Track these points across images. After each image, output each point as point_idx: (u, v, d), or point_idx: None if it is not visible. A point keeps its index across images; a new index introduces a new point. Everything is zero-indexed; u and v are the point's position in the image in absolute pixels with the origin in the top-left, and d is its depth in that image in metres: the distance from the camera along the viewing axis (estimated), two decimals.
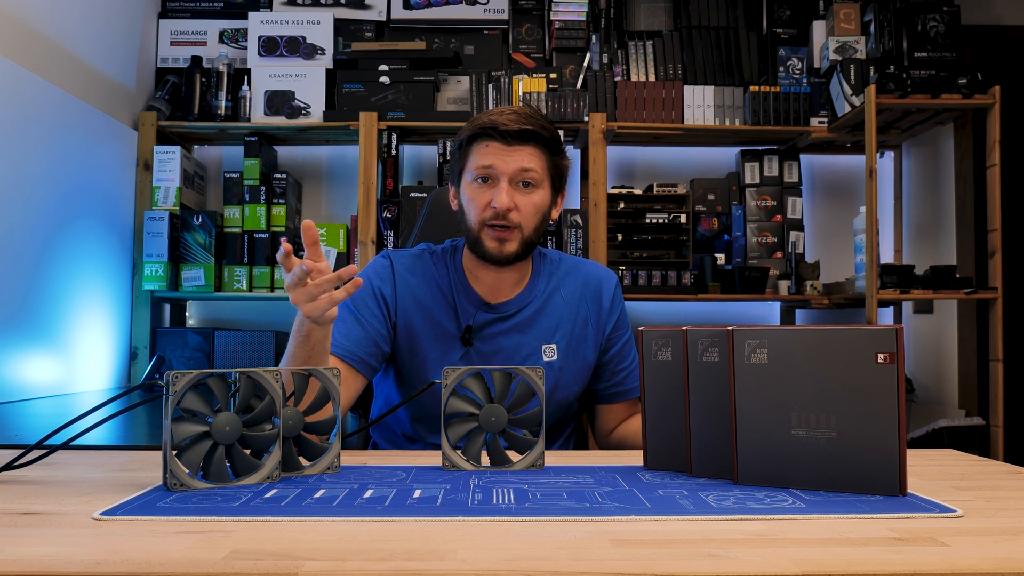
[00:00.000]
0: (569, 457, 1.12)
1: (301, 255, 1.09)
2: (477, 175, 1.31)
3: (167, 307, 2.92)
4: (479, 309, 1.36)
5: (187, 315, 3.03)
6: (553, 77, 2.86)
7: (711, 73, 2.94)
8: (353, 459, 1.07)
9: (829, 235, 3.16)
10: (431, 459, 1.06)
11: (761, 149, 3.04)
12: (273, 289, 2.80)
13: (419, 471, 0.98)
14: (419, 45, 2.89)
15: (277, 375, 0.91)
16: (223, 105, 2.82)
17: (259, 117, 2.85)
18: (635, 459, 1.07)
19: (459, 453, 1.00)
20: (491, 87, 2.84)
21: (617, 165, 3.13)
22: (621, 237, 2.85)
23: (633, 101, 2.86)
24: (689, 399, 0.95)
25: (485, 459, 1.02)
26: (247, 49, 2.93)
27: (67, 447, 0.93)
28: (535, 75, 2.84)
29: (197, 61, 2.86)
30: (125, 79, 2.74)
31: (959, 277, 2.52)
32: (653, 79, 2.92)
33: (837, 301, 2.80)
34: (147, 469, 0.99)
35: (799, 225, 2.99)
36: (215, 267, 2.77)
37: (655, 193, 2.89)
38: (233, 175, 2.85)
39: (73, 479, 0.92)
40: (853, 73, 2.76)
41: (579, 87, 2.91)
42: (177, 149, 2.76)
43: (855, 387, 0.84)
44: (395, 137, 2.82)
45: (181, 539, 0.66)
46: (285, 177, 2.86)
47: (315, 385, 0.98)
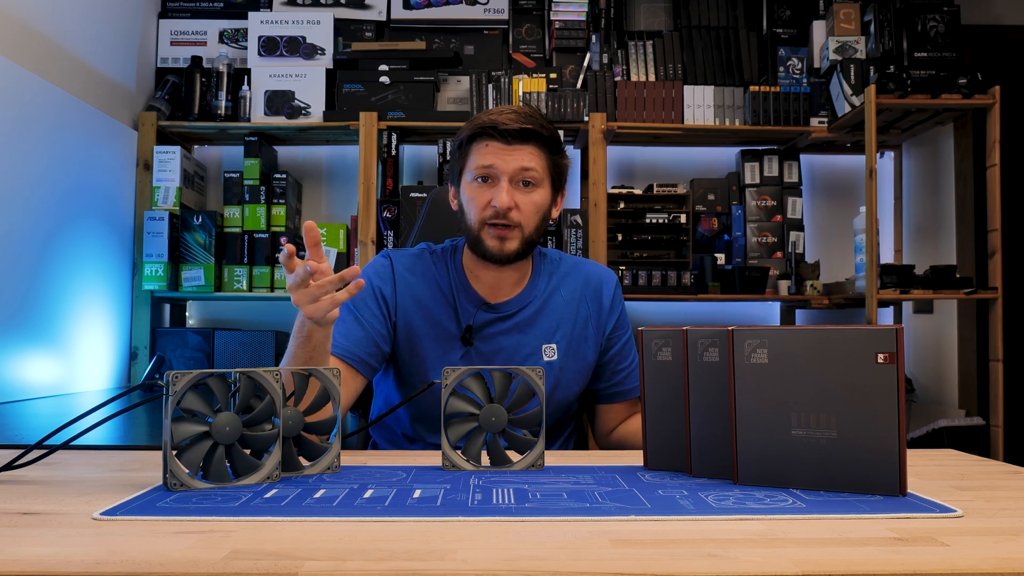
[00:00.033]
0: (569, 457, 1.12)
1: (302, 256, 1.08)
2: (477, 175, 1.31)
3: (167, 307, 2.92)
4: (479, 309, 1.36)
5: (187, 315, 3.03)
6: (553, 77, 2.86)
7: (711, 73, 2.93)
8: (353, 459, 1.07)
9: (829, 235, 3.16)
10: (431, 459, 1.06)
11: (761, 149, 3.04)
12: (273, 289, 2.80)
13: (419, 471, 0.98)
14: (419, 45, 2.89)
15: (277, 375, 0.91)
16: (223, 105, 2.82)
17: (259, 117, 2.85)
18: (635, 459, 1.07)
19: (459, 453, 1.00)
20: (491, 87, 2.84)
21: (617, 165, 3.13)
22: (621, 237, 2.85)
23: (633, 101, 2.86)
24: (689, 399, 0.95)
25: (485, 459, 1.02)
26: (247, 49, 2.93)
27: (67, 447, 0.94)
28: (535, 75, 2.84)
29: (197, 61, 2.86)
30: (125, 79, 2.74)
31: (959, 277, 2.52)
32: (653, 79, 2.92)
33: (837, 301, 2.80)
34: (147, 469, 0.99)
35: (799, 225, 2.99)
36: (215, 267, 2.77)
37: (655, 193, 2.89)
38: (233, 175, 2.85)
39: (73, 479, 0.92)
40: (853, 73, 2.76)
41: (579, 87, 2.91)
42: (177, 149, 2.76)
43: (855, 387, 0.84)
44: (395, 137, 2.82)
45: (181, 539, 0.66)
46: (285, 177, 2.86)
47: (315, 385, 0.98)
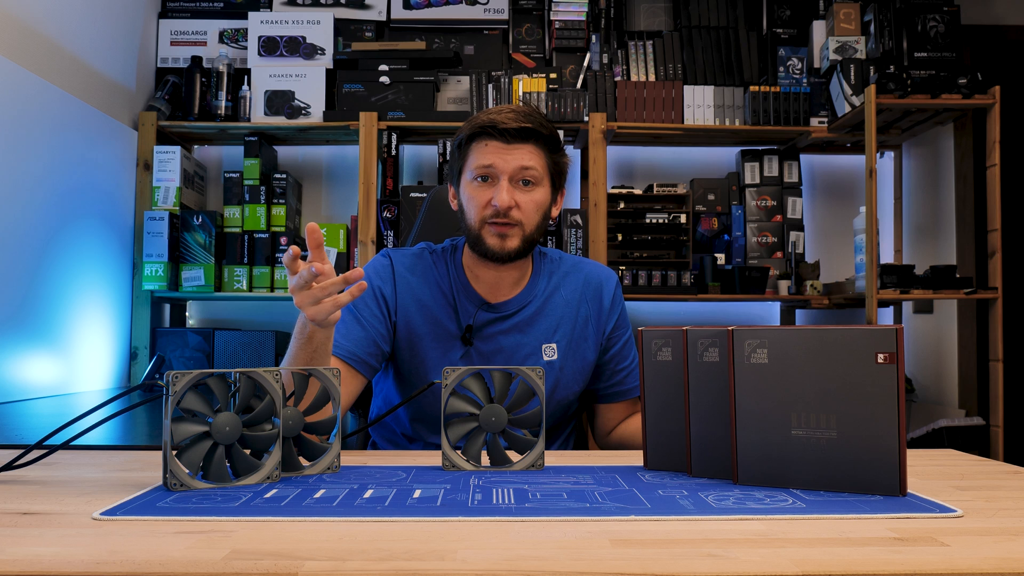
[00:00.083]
0: (569, 457, 1.12)
1: (303, 256, 1.08)
2: (477, 174, 1.31)
3: (167, 307, 2.92)
4: (479, 308, 1.36)
5: (187, 315, 3.03)
6: (553, 77, 2.86)
7: (711, 73, 2.94)
8: (353, 459, 1.07)
9: (829, 235, 3.16)
10: (431, 459, 1.06)
11: (761, 149, 3.04)
12: (273, 289, 2.80)
13: (419, 471, 0.98)
14: (419, 45, 2.89)
15: (277, 375, 0.91)
16: (223, 105, 2.82)
17: (259, 117, 2.85)
18: (635, 459, 1.07)
19: (459, 453, 1.00)
20: (491, 87, 2.84)
21: (617, 165, 3.13)
22: (621, 237, 2.85)
23: (633, 101, 2.86)
24: (689, 399, 0.95)
25: (485, 459, 1.02)
26: (247, 49, 2.94)
27: (67, 447, 0.93)
28: (535, 75, 2.84)
29: (197, 61, 2.86)
30: (125, 79, 2.74)
31: (959, 277, 2.52)
32: (653, 79, 2.92)
33: (837, 301, 2.80)
34: (147, 469, 0.99)
35: (799, 225, 2.99)
36: (215, 267, 2.77)
37: (655, 193, 2.89)
38: (233, 175, 2.85)
39: (73, 479, 0.92)
40: (853, 73, 2.76)
41: (579, 87, 2.91)
42: (177, 149, 2.76)
43: (855, 387, 0.84)
44: (395, 137, 2.82)
45: (181, 539, 0.66)
46: (285, 177, 2.86)
47: (315, 385, 0.98)
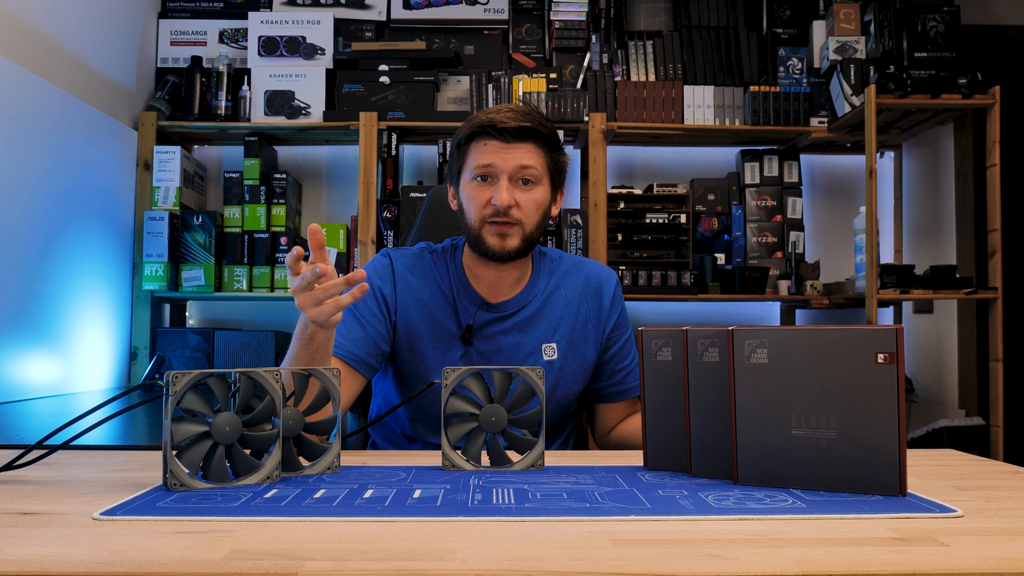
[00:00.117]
0: (569, 457, 1.12)
1: (305, 258, 1.08)
2: (476, 173, 1.31)
3: (167, 307, 2.92)
4: (479, 308, 1.36)
5: (187, 315, 3.03)
6: (553, 77, 2.86)
7: (711, 73, 2.94)
8: (353, 459, 1.07)
9: (829, 235, 3.16)
10: (431, 459, 1.06)
11: (761, 149, 3.04)
12: (273, 289, 2.80)
13: (419, 471, 0.98)
14: (419, 45, 2.89)
15: (277, 375, 0.91)
16: (223, 105, 2.82)
17: (259, 117, 2.85)
18: (635, 459, 1.07)
19: (459, 453, 1.00)
20: (491, 87, 2.84)
21: (617, 165, 3.13)
22: (621, 237, 2.85)
23: (633, 101, 2.86)
24: (689, 399, 0.95)
25: (485, 459, 1.02)
26: (247, 49, 2.93)
27: (67, 447, 0.93)
28: (535, 75, 2.84)
29: (197, 61, 2.86)
30: (125, 79, 2.74)
31: (959, 277, 2.52)
32: (653, 79, 2.92)
33: (837, 301, 2.80)
34: (147, 469, 0.99)
35: (799, 225, 2.99)
36: (215, 267, 2.77)
37: (655, 193, 2.89)
38: (233, 175, 2.85)
39: (73, 479, 0.92)
40: (853, 73, 2.76)
41: (579, 87, 2.91)
42: (177, 149, 2.76)
43: (855, 387, 0.84)
44: (395, 137, 2.82)
45: (181, 539, 0.66)
46: (285, 177, 2.86)
47: (315, 385, 0.98)
